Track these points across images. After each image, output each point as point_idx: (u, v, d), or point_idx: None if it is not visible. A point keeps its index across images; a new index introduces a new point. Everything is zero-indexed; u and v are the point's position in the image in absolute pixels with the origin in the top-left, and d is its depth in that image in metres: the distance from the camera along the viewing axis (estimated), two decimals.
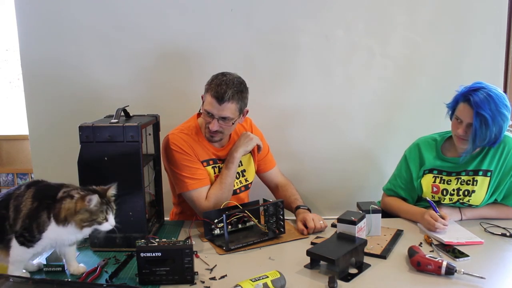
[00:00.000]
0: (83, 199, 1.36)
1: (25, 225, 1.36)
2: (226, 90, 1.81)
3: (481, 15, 2.40)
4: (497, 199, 1.94)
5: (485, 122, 1.74)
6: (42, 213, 1.36)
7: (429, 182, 1.96)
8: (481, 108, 1.73)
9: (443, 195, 1.94)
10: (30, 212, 1.36)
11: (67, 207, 1.35)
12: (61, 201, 1.36)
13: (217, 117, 1.85)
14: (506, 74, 2.52)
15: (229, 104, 1.83)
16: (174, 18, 2.34)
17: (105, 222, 1.40)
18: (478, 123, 1.75)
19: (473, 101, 1.75)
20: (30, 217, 1.36)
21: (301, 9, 2.36)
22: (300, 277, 1.46)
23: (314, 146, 2.51)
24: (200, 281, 1.43)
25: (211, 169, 1.98)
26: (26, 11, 2.34)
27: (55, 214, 1.35)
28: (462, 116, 1.81)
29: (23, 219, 1.36)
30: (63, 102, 2.40)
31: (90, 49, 2.36)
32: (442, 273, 1.41)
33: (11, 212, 1.38)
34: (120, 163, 1.60)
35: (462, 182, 1.92)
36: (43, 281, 1.41)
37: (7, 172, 3.04)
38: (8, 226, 1.38)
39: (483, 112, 1.73)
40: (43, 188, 1.42)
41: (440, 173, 1.95)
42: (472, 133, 1.78)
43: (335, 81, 2.45)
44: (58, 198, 1.37)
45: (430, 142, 2.00)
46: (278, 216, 1.77)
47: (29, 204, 1.37)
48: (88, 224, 1.37)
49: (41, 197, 1.38)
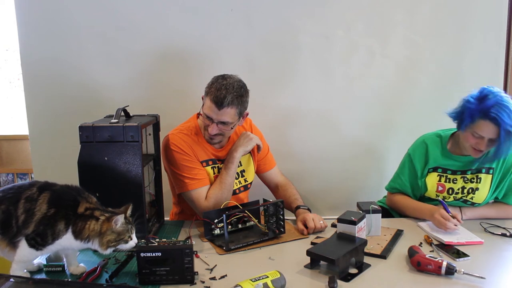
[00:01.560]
0: (109, 220, 1.37)
1: (38, 230, 1.36)
2: (226, 95, 1.80)
3: (481, 15, 2.40)
4: (497, 197, 1.94)
5: (509, 136, 1.74)
6: (59, 223, 1.37)
7: (434, 181, 1.96)
8: (508, 125, 1.72)
9: (448, 194, 1.94)
10: (45, 218, 1.36)
11: (91, 228, 1.37)
12: (84, 220, 1.37)
13: (216, 122, 1.85)
14: (506, 74, 2.52)
15: (229, 109, 1.82)
16: (174, 18, 2.34)
17: (130, 241, 1.41)
18: (504, 138, 1.74)
19: (499, 119, 1.72)
20: (45, 224, 1.36)
21: (301, 9, 2.36)
22: (300, 277, 1.46)
23: (314, 146, 2.51)
24: (200, 281, 1.43)
25: (211, 169, 1.98)
26: (26, 11, 2.34)
27: (76, 231, 1.37)
28: (484, 133, 1.78)
29: (37, 224, 1.36)
30: (63, 102, 2.40)
31: (90, 49, 2.37)
32: (442, 273, 1.41)
33: (20, 212, 1.37)
34: (120, 163, 1.60)
35: (466, 180, 1.93)
36: (43, 281, 1.42)
37: (7, 172, 3.04)
38: (15, 225, 1.37)
39: (509, 128, 1.72)
40: (60, 194, 1.41)
41: (444, 171, 1.95)
42: (496, 147, 1.78)
43: (335, 81, 2.45)
44: (80, 213, 1.38)
45: (435, 139, 1.99)
46: (278, 216, 1.77)
47: (44, 209, 1.37)
48: (115, 244, 1.39)
49: (58, 205, 1.38)
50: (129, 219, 1.43)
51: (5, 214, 1.38)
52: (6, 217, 1.38)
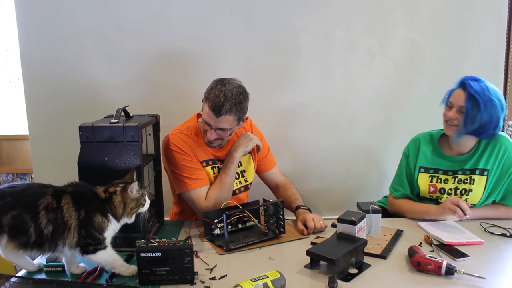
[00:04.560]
0: (124, 190, 1.46)
1: (83, 234, 1.39)
2: (224, 103, 1.79)
3: (481, 15, 2.40)
4: (495, 199, 1.94)
5: (476, 105, 1.78)
6: (95, 217, 1.41)
7: (426, 182, 1.97)
8: (474, 91, 1.79)
9: (441, 193, 1.94)
10: (82, 222, 1.39)
11: (117, 202, 1.44)
12: (110, 200, 1.44)
13: (215, 128, 1.85)
14: (506, 74, 2.52)
15: (227, 117, 1.82)
16: (174, 18, 2.35)
17: (145, 203, 1.51)
18: (470, 105, 1.79)
19: (467, 84, 1.81)
20: (84, 227, 1.39)
21: (301, 9, 2.36)
22: (300, 277, 1.46)
23: (314, 146, 2.51)
24: (200, 281, 1.43)
25: (210, 170, 1.98)
26: (26, 11, 2.34)
27: (113, 214, 1.44)
28: (454, 100, 1.86)
29: (78, 231, 1.39)
30: (63, 102, 2.40)
31: (90, 49, 2.37)
32: (442, 273, 1.41)
33: (44, 223, 1.36)
34: (120, 163, 1.60)
35: (459, 181, 1.93)
36: (43, 281, 1.42)
37: (7, 172, 3.04)
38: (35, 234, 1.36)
39: (475, 94, 1.78)
40: (78, 193, 1.43)
41: (436, 172, 1.96)
42: (464, 115, 1.81)
43: (335, 81, 2.45)
44: (104, 198, 1.44)
45: (427, 137, 2.01)
46: (278, 216, 1.77)
47: (74, 215, 1.39)
48: (136, 209, 1.48)
49: (84, 203, 1.41)
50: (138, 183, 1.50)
51: (16, 220, 1.36)
52: (18, 223, 1.36)
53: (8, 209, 1.36)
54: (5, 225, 1.36)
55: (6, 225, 1.36)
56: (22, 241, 1.37)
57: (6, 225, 1.36)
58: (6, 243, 1.38)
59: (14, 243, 1.38)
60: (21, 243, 1.38)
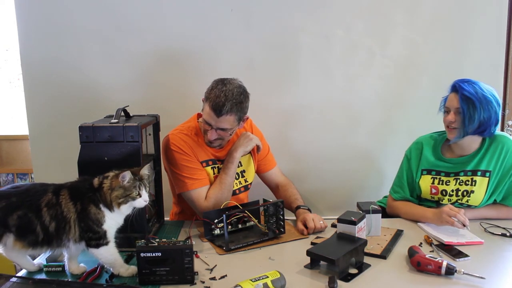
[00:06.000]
0: (117, 177, 1.41)
1: (83, 228, 1.39)
2: (225, 103, 1.79)
3: (481, 15, 2.40)
4: (496, 199, 1.94)
5: (472, 104, 1.79)
6: (90, 208, 1.39)
7: (427, 184, 1.96)
8: (466, 91, 1.80)
9: (442, 195, 1.94)
10: (79, 215, 1.39)
11: (106, 188, 1.40)
12: (101, 187, 1.41)
13: (215, 128, 1.85)
14: (506, 74, 2.52)
15: (227, 117, 1.82)
16: (174, 18, 2.35)
17: (138, 198, 1.43)
18: (466, 105, 1.80)
19: (458, 86, 1.83)
20: (83, 219, 1.39)
21: (301, 9, 2.36)
22: (300, 277, 1.46)
23: (314, 146, 2.51)
24: (200, 281, 1.43)
25: (210, 170, 1.98)
26: (26, 11, 2.34)
27: (103, 201, 1.40)
28: (450, 104, 1.87)
29: (78, 224, 1.39)
30: (63, 102, 2.40)
31: (90, 50, 2.37)
32: (442, 273, 1.41)
33: (47, 220, 1.37)
34: (120, 163, 1.59)
35: (460, 182, 1.93)
36: (43, 281, 1.42)
37: (7, 172, 3.04)
38: (42, 232, 1.37)
39: (468, 94, 1.80)
40: (75, 186, 1.44)
41: (438, 174, 1.96)
42: (461, 116, 1.82)
43: (335, 81, 2.45)
44: (96, 187, 1.42)
45: (430, 141, 2.00)
46: (278, 216, 1.77)
47: (72, 208, 1.39)
48: (123, 200, 1.40)
49: (79, 195, 1.41)
50: (141, 176, 1.46)
51: (22, 220, 1.37)
52: (24, 223, 1.37)
53: (13, 209, 1.37)
54: (11, 225, 1.37)
55: (13, 225, 1.37)
56: (31, 240, 1.38)
57: (13, 225, 1.37)
58: (13, 242, 1.38)
59: (22, 242, 1.39)
60: (30, 242, 1.39)
